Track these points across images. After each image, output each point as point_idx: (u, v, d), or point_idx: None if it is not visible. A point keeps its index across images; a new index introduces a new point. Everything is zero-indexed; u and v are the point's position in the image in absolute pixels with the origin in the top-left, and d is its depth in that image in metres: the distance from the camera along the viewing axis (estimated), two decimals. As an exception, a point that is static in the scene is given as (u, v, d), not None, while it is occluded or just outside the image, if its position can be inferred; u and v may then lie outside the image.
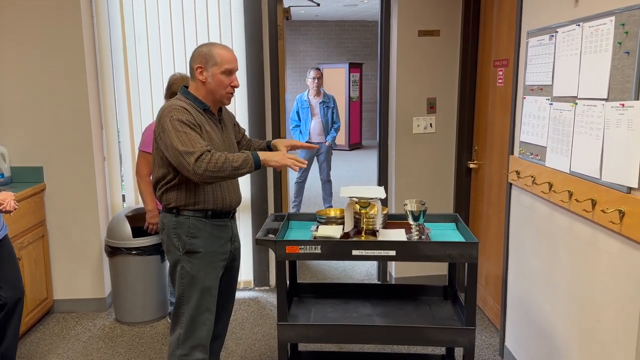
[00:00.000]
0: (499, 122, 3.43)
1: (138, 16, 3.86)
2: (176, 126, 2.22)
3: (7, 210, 2.51)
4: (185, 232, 2.37)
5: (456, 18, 3.86)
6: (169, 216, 2.40)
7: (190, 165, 2.18)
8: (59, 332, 3.60)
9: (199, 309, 2.41)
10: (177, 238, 2.38)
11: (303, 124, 5.99)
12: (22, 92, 3.65)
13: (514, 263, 3.03)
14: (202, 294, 2.41)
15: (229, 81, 2.34)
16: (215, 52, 2.32)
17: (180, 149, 2.20)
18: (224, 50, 2.34)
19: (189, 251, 2.38)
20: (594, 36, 2.14)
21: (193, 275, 2.39)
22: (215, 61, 2.31)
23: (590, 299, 2.23)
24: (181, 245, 2.38)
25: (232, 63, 2.34)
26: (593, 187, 2.14)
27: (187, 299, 2.40)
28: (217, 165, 2.19)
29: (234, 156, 2.23)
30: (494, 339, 3.41)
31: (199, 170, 2.18)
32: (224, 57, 2.32)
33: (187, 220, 2.37)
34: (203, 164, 2.18)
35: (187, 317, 2.41)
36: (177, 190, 2.36)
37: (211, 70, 2.32)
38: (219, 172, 2.20)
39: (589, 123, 2.17)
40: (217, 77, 2.32)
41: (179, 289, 2.42)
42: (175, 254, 2.40)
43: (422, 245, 2.25)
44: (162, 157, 2.34)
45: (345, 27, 13.55)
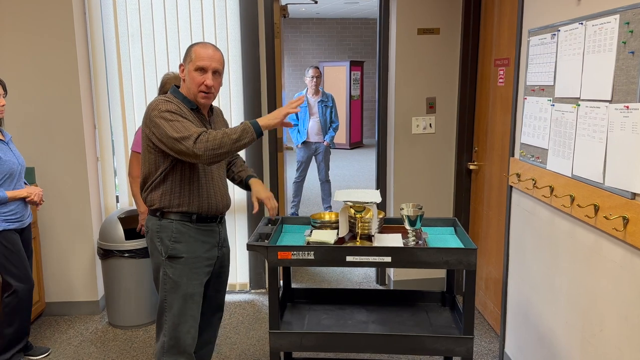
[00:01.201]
0: (499, 123, 3.35)
1: (131, 13, 3.79)
2: (166, 116, 2.16)
3: (34, 202, 2.99)
4: (168, 236, 2.30)
5: (456, 16, 3.78)
6: (153, 219, 2.34)
7: (189, 149, 2.10)
8: (50, 335, 3.54)
9: (182, 316, 2.34)
10: (160, 242, 2.32)
11: (301, 123, 5.92)
12: (13, 91, 3.58)
13: (514, 267, 2.96)
14: (184, 301, 2.34)
15: (201, 79, 2.25)
16: (194, 49, 2.27)
17: (176, 135, 2.12)
18: (202, 47, 2.27)
19: (171, 256, 2.31)
20: (598, 35, 2.06)
21: (175, 281, 2.32)
22: (191, 58, 2.26)
23: (593, 307, 2.15)
24: (164, 250, 2.31)
25: (205, 60, 2.24)
26: (596, 192, 2.06)
27: (170, 306, 2.34)
28: (216, 142, 2.11)
29: (231, 129, 2.15)
30: (493, 344, 3.34)
31: (199, 151, 2.10)
32: (198, 53, 2.25)
33: (171, 224, 2.31)
34: (202, 144, 2.10)
35: (170, 325, 2.34)
36: (162, 191, 2.29)
37: (187, 66, 2.27)
38: (220, 148, 2.11)
39: (592, 125, 2.09)
40: (191, 74, 2.26)
41: (161, 294, 2.36)
42: (158, 259, 2.33)
43: (419, 251, 2.17)
44: (150, 155, 2.27)
45: (347, 25, 13.47)
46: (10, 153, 2.92)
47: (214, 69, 2.26)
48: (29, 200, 3.00)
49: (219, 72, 2.29)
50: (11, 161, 2.90)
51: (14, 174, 2.92)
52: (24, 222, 3.00)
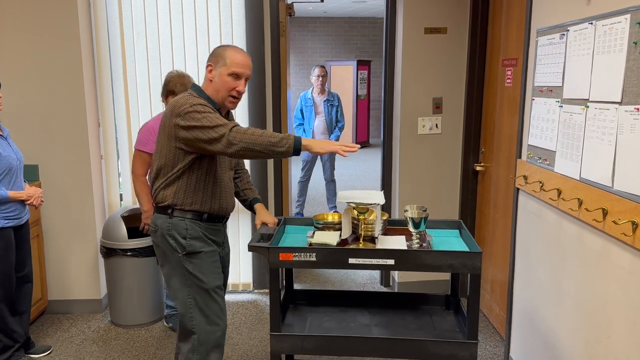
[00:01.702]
0: (507, 124, 3.30)
1: (136, 11, 3.77)
2: (199, 109, 2.15)
3: (33, 205, 3.01)
4: (181, 233, 2.28)
5: (464, 15, 3.73)
6: (163, 217, 2.31)
7: (224, 137, 2.09)
8: (52, 333, 3.53)
9: (208, 309, 2.33)
10: (174, 240, 2.29)
11: (307, 123, 5.88)
12: (17, 88, 3.57)
13: (520, 271, 2.91)
14: (208, 294, 2.33)
15: (234, 85, 2.26)
16: (228, 53, 2.26)
17: (211, 124, 2.11)
18: (237, 53, 2.26)
19: (189, 252, 2.29)
20: (608, 35, 2.01)
21: (197, 277, 2.30)
22: (225, 62, 2.25)
23: (600, 313, 2.10)
24: (179, 247, 2.28)
25: (241, 67, 2.25)
26: (604, 196, 2.02)
27: (195, 301, 2.31)
28: (254, 136, 2.08)
29: (271, 132, 2.12)
30: (498, 348, 3.30)
31: (234, 139, 2.08)
32: (234, 59, 2.24)
33: (182, 221, 2.29)
34: (239, 134, 2.09)
35: (198, 320, 2.32)
36: (176, 188, 2.27)
37: (219, 70, 2.25)
38: (255, 144, 2.08)
39: (601, 127, 2.05)
40: (223, 78, 2.25)
41: (183, 291, 2.32)
42: (174, 256, 2.30)
43: (423, 254, 2.14)
44: (169, 151, 2.24)
45: (354, 24, 13.42)
46: (9, 148, 2.91)
47: (247, 76, 2.28)
48: (28, 203, 3.00)
49: (249, 78, 2.32)
50: (10, 157, 2.88)
51: (13, 170, 2.90)
52: (22, 219, 2.99)
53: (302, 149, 2.14)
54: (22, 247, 3.06)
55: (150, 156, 3.29)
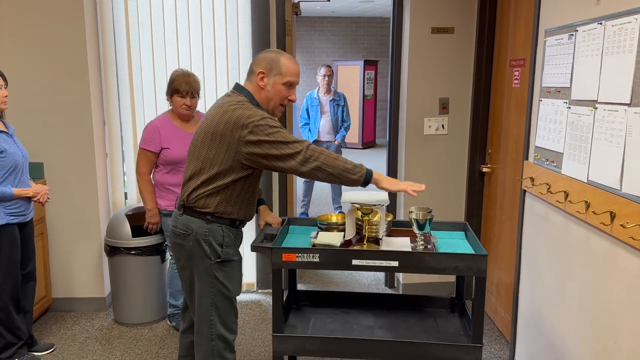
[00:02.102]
0: (514, 125, 3.27)
1: (142, 10, 3.76)
2: (269, 122, 2.12)
3: (39, 202, 3.02)
4: (218, 240, 2.24)
5: (471, 15, 3.70)
6: (199, 222, 2.24)
7: (300, 154, 2.08)
8: (56, 331, 3.53)
9: (228, 317, 2.33)
10: (209, 246, 2.24)
11: (312, 122, 5.86)
12: (22, 86, 3.58)
13: (526, 274, 2.88)
14: (231, 302, 2.32)
15: (287, 94, 2.25)
16: (283, 61, 2.23)
17: (285, 139, 2.10)
18: (291, 62, 2.25)
19: (224, 260, 2.26)
20: (617, 36, 1.98)
21: (225, 285, 2.29)
22: (280, 70, 2.22)
23: (607, 318, 2.07)
24: (214, 254, 2.24)
25: (296, 76, 2.25)
26: (612, 199, 1.99)
27: (217, 308, 2.29)
28: (330, 158, 2.09)
29: (345, 158, 2.13)
30: (503, 351, 3.27)
31: (311, 158, 2.08)
32: (289, 69, 2.23)
33: (220, 228, 2.25)
34: (315, 152, 2.09)
35: (218, 327, 2.30)
36: (222, 197, 2.21)
37: (273, 78, 2.22)
38: (329, 166, 2.09)
39: (610, 129, 2.02)
40: (277, 87, 2.23)
41: (206, 298, 2.28)
42: (205, 263, 2.25)
43: (427, 256, 2.11)
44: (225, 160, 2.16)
45: (362, 24, 13.38)
46: (14, 146, 2.91)
47: (297, 84, 2.29)
48: (35, 200, 3.00)
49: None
50: (15, 154, 2.88)
51: (19, 167, 2.90)
52: (27, 216, 2.99)
53: (372, 182, 2.14)
54: (26, 244, 3.06)
55: (154, 155, 3.28)
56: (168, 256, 3.60)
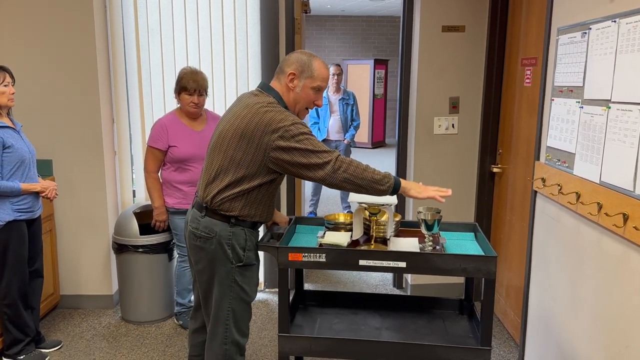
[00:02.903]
0: (525, 125, 3.22)
1: (151, 8, 3.76)
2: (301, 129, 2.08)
3: (48, 197, 3.02)
4: (241, 244, 2.21)
5: (482, 13, 3.66)
6: (222, 225, 2.19)
7: (330, 164, 2.04)
8: (63, 328, 3.53)
9: (243, 321, 2.31)
10: (231, 249, 2.20)
11: (322, 122, 5.84)
12: (32, 84, 3.58)
13: (536, 276, 2.84)
14: (247, 306, 2.30)
15: (315, 98, 2.23)
16: (315, 65, 2.20)
17: (315, 148, 2.06)
18: (323, 66, 2.22)
19: (246, 264, 2.23)
20: (632, 34, 1.94)
21: (244, 289, 2.26)
22: (312, 74, 2.19)
23: (619, 322, 2.03)
24: (235, 258, 2.21)
25: (326, 82, 2.23)
26: (625, 200, 1.94)
27: (233, 312, 2.26)
28: (359, 169, 2.06)
29: (372, 168, 2.10)
30: (512, 354, 3.23)
31: (340, 169, 2.04)
32: (321, 73, 2.20)
33: (243, 231, 2.21)
34: (344, 163, 2.06)
35: (233, 331, 2.28)
36: (247, 201, 2.17)
37: (304, 81, 2.19)
38: (358, 178, 2.06)
39: (623, 129, 1.97)
40: (307, 91, 2.20)
41: (224, 301, 2.25)
42: (226, 266, 2.21)
43: (435, 257, 2.08)
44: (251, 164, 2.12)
45: (372, 23, 13.34)
46: (21, 142, 2.92)
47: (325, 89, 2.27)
48: (43, 195, 3.01)
49: None
50: (22, 149, 2.89)
51: (25, 162, 2.91)
52: (35, 213, 3.00)
53: (400, 191, 2.12)
54: (34, 241, 3.07)
55: (161, 153, 3.28)
56: (175, 254, 3.59)
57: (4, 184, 2.79)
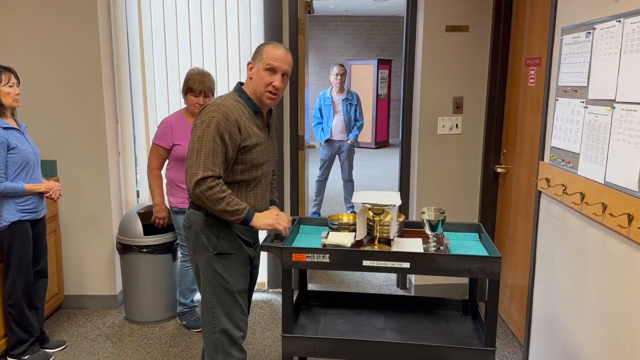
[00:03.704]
0: (529, 125, 3.22)
1: (155, 9, 3.76)
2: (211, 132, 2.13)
3: (52, 198, 3.03)
4: (215, 232, 2.26)
5: (486, 13, 3.65)
6: (199, 214, 2.26)
7: (196, 176, 2.12)
8: (68, 328, 3.54)
9: (231, 311, 2.31)
10: (207, 238, 2.26)
11: (325, 122, 5.84)
12: (36, 85, 3.59)
13: (540, 277, 2.83)
14: (233, 296, 2.31)
15: (270, 79, 2.21)
16: (266, 48, 2.23)
17: (202, 155, 2.13)
18: (274, 48, 2.23)
19: (220, 253, 2.27)
20: (636, 33, 1.93)
21: (224, 277, 2.28)
22: (262, 57, 2.22)
23: (624, 323, 2.02)
24: (211, 246, 2.26)
25: (276, 61, 2.21)
26: (630, 201, 1.94)
27: (219, 301, 2.29)
28: (215, 196, 2.13)
29: (233, 199, 2.17)
30: (517, 355, 3.22)
31: (198, 188, 2.13)
32: (270, 53, 2.21)
33: (217, 220, 2.25)
34: (205, 185, 2.12)
35: (220, 320, 2.30)
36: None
37: (257, 65, 2.23)
38: (212, 202, 2.14)
39: (628, 130, 1.97)
40: (260, 74, 2.22)
41: (208, 291, 2.30)
42: (205, 255, 2.27)
43: (439, 257, 2.08)
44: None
45: (375, 23, 13.33)
46: (26, 142, 2.93)
47: (283, 70, 2.23)
48: (47, 196, 3.02)
49: (287, 74, 2.27)
50: (27, 150, 2.90)
51: (30, 163, 2.92)
52: (39, 213, 3.01)
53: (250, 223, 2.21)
54: (39, 242, 3.08)
55: (165, 151, 3.29)
56: (179, 254, 3.60)
57: (9, 185, 2.80)
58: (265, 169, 2.34)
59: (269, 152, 2.35)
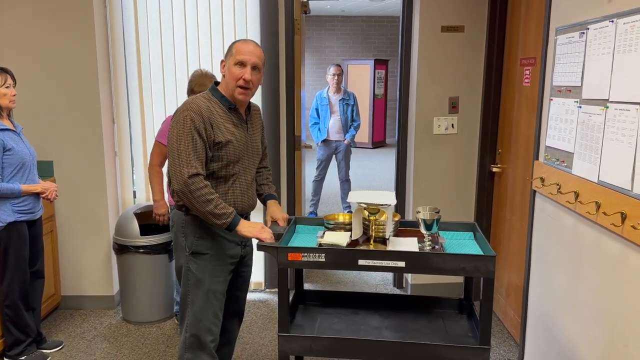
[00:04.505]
0: (524, 125, 3.23)
1: (151, 8, 3.77)
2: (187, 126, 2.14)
3: (48, 199, 3.02)
4: (193, 232, 2.28)
5: (482, 13, 3.67)
6: (179, 214, 2.31)
7: (183, 175, 2.13)
8: (64, 329, 3.54)
9: (203, 313, 2.32)
10: (184, 237, 2.29)
11: (322, 122, 5.85)
12: (32, 85, 3.60)
13: (536, 275, 2.85)
14: (206, 297, 2.31)
15: (240, 73, 2.22)
16: (235, 45, 2.26)
17: (183, 154, 2.14)
18: (242, 43, 2.26)
19: (195, 252, 2.29)
20: (629, 34, 1.94)
21: (198, 277, 2.30)
22: (232, 53, 2.24)
23: (618, 321, 2.04)
24: (188, 246, 2.29)
25: (244, 55, 2.22)
26: (623, 200, 1.95)
27: (192, 302, 2.32)
28: (203, 197, 2.13)
29: (220, 202, 2.17)
30: (512, 353, 3.23)
31: (188, 187, 2.12)
32: (239, 48, 2.24)
33: (197, 220, 2.27)
34: (194, 185, 2.13)
35: (191, 321, 2.32)
36: None
37: (228, 61, 2.25)
38: (199, 203, 2.14)
39: (621, 129, 1.98)
40: (230, 69, 2.23)
41: (184, 289, 2.34)
42: (182, 254, 2.31)
43: (434, 257, 2.09)
44: None
45: (372, 23, 13.34)
46: (22, 144, 2.93)
47: (253, 63, 2.23)
48: (44, 196, 3.02)
49: (258, 67, 2.26)
50: (23, 151, 2.91)
51: (26, 165, 2.93)
52: (36, 214, 3.01)
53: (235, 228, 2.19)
54: (35, 242, 3.08)
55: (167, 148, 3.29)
56: (176, 255, 3.60)
57: (5, 186, 2.81)
58: (245, 165, 2.34)
59: (248, 148, 2.35)
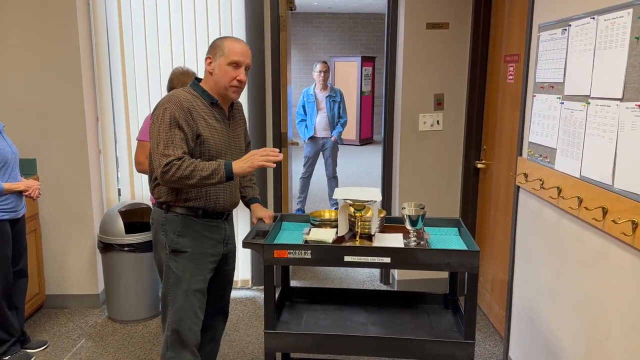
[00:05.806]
0: (508, 121, 3.26)
1: (135, 6, 3.74)
2: (166, 120, 2.14)
3: (31, 197, 2.99)
4: (172, 230, 2.28)
5: (466, 10, 3.68)
6: (159, 212, 2.31)
7: (160, 167, 2.12)
8: (49, 328, 3.51)
9: (184, 311, 2.31)
10: (165, 235, 2.29)
11: (309, 119, 5.85)
12: (14, 81, 3.55)
13: (520, 270, 2.87)
14: (187, 296, 2.31)
15: (234, 74, 2.23)
16: (226, 43, 2.25)
17: (161, 146, 2.13)
18: (234, 42, 2.26)
19: (175, 250, 2.29)
20: (610, 30, 1.97)
21: (178, 276, 2.29)
22: (223, 52, 2.23)
23: (600, 314, 2.07)
24: (168, 244, 2.29)
25: (240, 56, 2.23)
26: (604, 194, 1.98)
27: (173, 300, 2.31)
28: (186, 172, 2.10)
29: (204, 165, 2.13)
30: (497, 347, 3.26)
31: (167, 175, 2.11)
32: (232, 48, 2.23)
33: (177, 217, 2.27)
34: (172, 168, 2.10)
35: (172, 319, 2.32)
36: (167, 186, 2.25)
37: (218, 60, 2.24)
38: (187, 179, 2.11)
39: (602, 125, 2.01)
40: (223, 68, 2.23)
41: (164, 288, 2.34)
42: (162, 252, 2.31)
43: (419, 252, 2.10)
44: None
45: (359, 20, 13.35)
46: (4, 142, 2.90)
47: (247, 65, 2.26)
48: (26, 194, 2.99)
49: (249, 67, 2.29)
50: (5, 150, 2.87)
51: (8, 163, 2.89)
52: (18, 212, 2.98)
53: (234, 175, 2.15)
54: (18, 241, 3.05)
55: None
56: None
57: None
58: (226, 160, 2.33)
59: (230, 143, 2.35)
